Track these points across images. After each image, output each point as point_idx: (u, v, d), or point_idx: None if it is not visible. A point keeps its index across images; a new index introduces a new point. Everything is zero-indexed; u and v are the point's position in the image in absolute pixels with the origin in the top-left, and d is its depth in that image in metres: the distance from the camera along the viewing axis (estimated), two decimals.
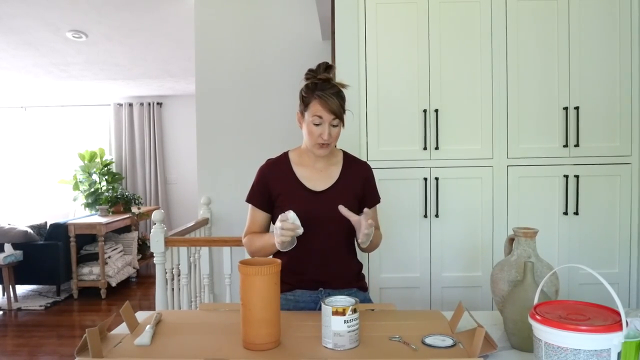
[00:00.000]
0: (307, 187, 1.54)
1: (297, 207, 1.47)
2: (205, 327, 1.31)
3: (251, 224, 1.60)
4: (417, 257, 2.31)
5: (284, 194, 1.53)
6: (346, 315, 1.13)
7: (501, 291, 1.30)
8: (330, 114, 1.45)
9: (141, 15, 4.47)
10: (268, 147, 3.77)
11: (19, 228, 4.71)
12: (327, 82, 1.48)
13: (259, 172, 1.60)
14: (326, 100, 1.44)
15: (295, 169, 1.57)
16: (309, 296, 1.52)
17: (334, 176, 1.56)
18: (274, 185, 1.55)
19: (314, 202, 1.51)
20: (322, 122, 1.46)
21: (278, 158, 1.62)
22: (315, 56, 3.80)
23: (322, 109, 1.45)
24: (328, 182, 1.55)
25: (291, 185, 1.54)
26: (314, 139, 1.48)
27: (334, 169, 1.57)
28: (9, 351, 3.56)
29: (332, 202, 1.48)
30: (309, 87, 1.49)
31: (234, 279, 2.94)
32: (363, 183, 1.59)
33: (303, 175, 1.56)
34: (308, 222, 1.44)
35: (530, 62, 2.27)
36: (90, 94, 6.73)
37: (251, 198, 1.59)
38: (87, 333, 1.09)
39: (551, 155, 2.29)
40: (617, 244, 2.31)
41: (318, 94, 1.45)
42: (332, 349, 1.13)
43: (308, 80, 1.51)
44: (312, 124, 1.47)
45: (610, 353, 0.90)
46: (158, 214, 2.86)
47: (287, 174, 1.56)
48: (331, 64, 1.52)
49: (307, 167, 1.57)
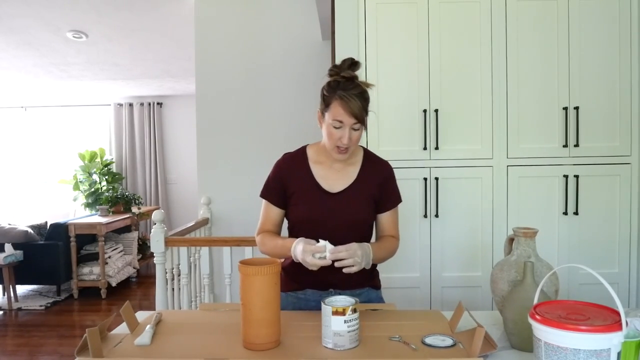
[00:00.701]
0: (323, 188, 1.48)
1: (310, 207, 1.46)
2: (205, 327, 1.31)
3: (265, 220, 1.55)
4: (417, 257, 2.31)
5: (298, 192, 1.49)
6: (346, 315, 1.13)
7: (501, 291, 1.30)
8: (351, 118, 1.36)
9: (141, 15, 4.47)
10: (268, 147, 3.78)
11: (19, 228, 4.72)
12: (350, 81, 1.39)
13: (275, 166, 1.55)
14: (347, 103, 1.35)
15: (312, 166, 1.51)
16: (319, 296, 1.49)
17: (351, 177, 1.50)
18: (289, 182, 1.50)
19: (328, 203, 1.47)
20: (342, 126, 1.38)
21: (296, 153, 1.55)
22: (315, 56, 3.81)
23: (343, 112, 1.36)
24: (344, 183, 1.49)
25: (306, 184, 1.49)
26: (334, 141, 1.41)
27: (352, 169, 1.51)
28: (9, 351, 3.56)
29: (347, 205, 1.45)
30: (330, 86, 1.40)
31: (234, 279, 2.94)
32: (381, 184, 1.52)
33: (319, 174, 1.50)
34: (320, 223, 1.43)
35: (530, 62, 2.27)
36: (90, 94, 6.73)
37: (266, 194, 1.54)
38: (87, 333, 1.09)
39: (551, 155, 2.29)
40: (617, 244, 2.31)
41: (340, 95, 1.37)
42: (332, 348, 1.13)
43: (331, 78, 1.42)
44: (332, 126, 1.39)
45: (610, 353, 0.90)
46: (158, 214, 2.86)
47: (303, 171, 1.50)
48: (357, 61, 1.43)
49: (324, 166, 1.51)
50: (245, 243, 2.84)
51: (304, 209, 1.48)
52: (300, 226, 1.50)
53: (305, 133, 3.73)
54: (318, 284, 1.50)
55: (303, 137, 3.89)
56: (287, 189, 1.50)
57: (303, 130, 3.74)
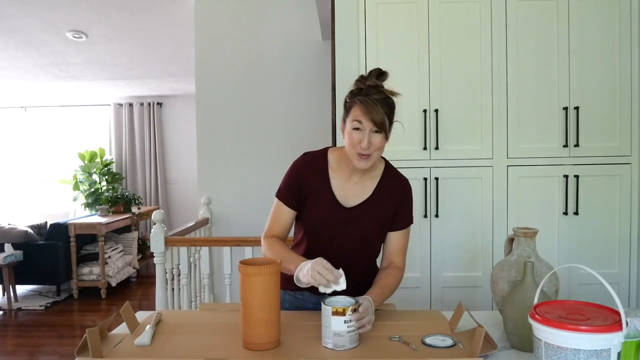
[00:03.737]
0: (337, 200, 1.44)
1: (321, 218, 1.44)
2: (205, 327, 1.31)
3: (275, 221, 1.49)
4: (417, 257, 2.31)
5: (312, 199, 1.45)
6: (346, 315, 1.13)
7: (501, 291, 1.30)
8: (369, 121, 1.31)
9: (141, 15, 4.47)
10: (268, 147, 3.78)
11: (19, 228, 4.72)
12: (373, 88, 1.34)
13: (294, 166, 1.48)
14: (367, 106, 1.31)
15: (330, 174, 1.46)
16: (317, 299, 1.46)
17: (368, 192, 1.45)
18: (307, 186, 1.45)
19: (340, 217, 1.43)
20: (361, 128, 1.32)
21: (317, 155, 1.49)
22: (315, 56, 3.81)
23: (361, 114, 1.31)
24: (360, 197, 1.44)
25: (322, 192, 1.44)
26: (353, 146, 1.34)
27: (370, 183, 1.46)
28: (9, 351, 3.56)
29: (359, 222, 1.42)
30: (353, 93, 1.37)
31: (234, 279, 2.94)
32: (397, 202, 1.46)
33: (336, 184, 1.45)
34: (329, 236, 1.41)
35: (530, 62, 2.27)
36: (90, 94, 6.73)
37: (282, 195, 1.48)
38: (87, 333, 1.09)
39: (551, 155, 2.29)
40: (617, 244, 2.31)
41: (360, 99, 1.33)
42: (332, 349, 1.13)
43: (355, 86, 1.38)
44: (351, 129, 1.34)
45: (610, 353, 0.90)
46: (158, 214, 2.86)
47: (321, 177, 1.45)
48: (385, 71, 1.39)
49: (343, 176, 1.46)
50: (245, 243, 2.83)
51: (314, 219, 1.46)
52: (307, 234, 1.48)
53: (305, 133, 3.74)
54: (315, 288, 1.49)
55: (303, 137, 3.89)
56: (303, 192, 1.46)
57: (303, 130, 3.74)
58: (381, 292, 1.37)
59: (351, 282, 1.29)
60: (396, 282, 1.45)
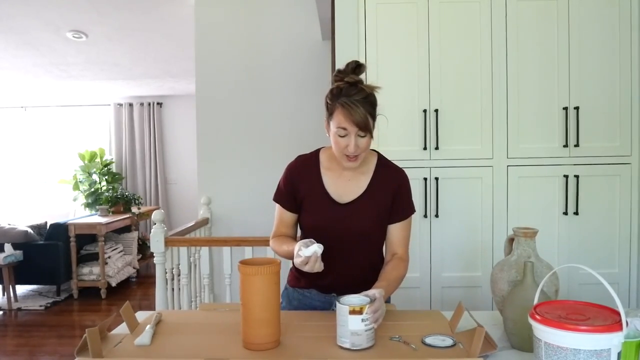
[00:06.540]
0: (332, 197, 1.44)
1: (317, 217, 1.44)
2: (205, 327, 1.31)
3: (279, 224, 1.52)
4: (417, 257, 2.31)
5: (307, 199, 1.46)
6: (363, 313, 1.12)
7: (501, 291, 1.30)
8: (354, 126, 1.31)
9: (141, 15, 4.47)
10: (268, 147, 3.78)
11: (19, 228, 4.71)
12: (353, 87, 1.33)
13: (287, 170, 1.51)
14: (350, 110, 1.30)
15: (323, 173, 1.47)
16: (324, 297, 1.49)
17: (362, 187, 1.45)
18: (299, 188, 1.47)
19: (336, 214, 1.43)
20: (347, 134, 1.33)
21: (309, 157, 1.51)
22: (315, 56, 3.81)
23: (345, 120, 1.31)
24: (355, 193, 1.44)
25: (315, 192, 1.45)
26: (341, 150, 1.36)
27: (364, 178, 1.46)
28: (9, 351, 3.56)
29: (356, 216, 1.42)
30: (333, 93, 1.35)
31: (234, 279, 2.94)
32: (393, 193, 1.46)
33: (329, 182, 1.46)
34: (328, 233, 1.41)
35: (530, 62, 2.27)
36: (90, 94, 6.73)
37: (278, 198, 1.51)
38: (87, 333, 1.09)
39: (551, 155, 2.29)
40: (617, 244, 2.31)
41: (342, 102, 1.31)
42: (349, 348, 1.12)
43: (334, 84, 1.36)
44: (337, 135, 1.34)
45: (610, 353, 0.90)
46: (158, 214, 2.86)
47: (314, 177, 1.47)
48: (361, 63, 1.38)
49: (335, 173, 1.46)
50: (245, 243, 2.83)
51: (311, 218, 1.47)
52: (307, 233, 1.48)
53: (305, 133, 3.74)
54: (320, 287, 1.50)
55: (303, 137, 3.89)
56: (297, 194, 1.47)
57: (303, 130, 3.74)
58: (387, 284, 1.37)
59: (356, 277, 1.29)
60: (401, 274, 1.45)
